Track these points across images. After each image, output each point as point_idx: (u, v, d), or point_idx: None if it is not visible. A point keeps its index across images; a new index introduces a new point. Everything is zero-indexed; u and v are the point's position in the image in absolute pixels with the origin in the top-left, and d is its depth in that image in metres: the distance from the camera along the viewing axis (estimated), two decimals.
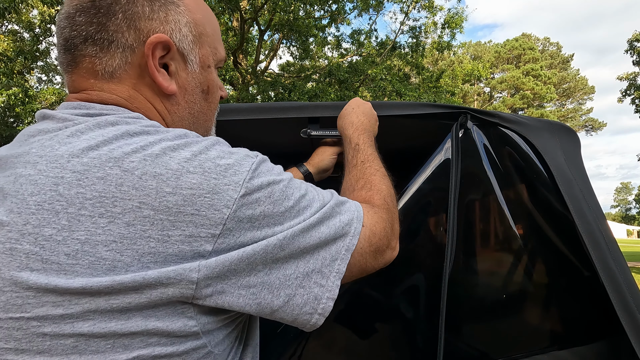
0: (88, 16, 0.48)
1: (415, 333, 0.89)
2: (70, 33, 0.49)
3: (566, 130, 0.96)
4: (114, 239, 0.39)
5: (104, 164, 0.41)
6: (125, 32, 0.49)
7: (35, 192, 0.40)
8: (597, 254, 0.82)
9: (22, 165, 0.43)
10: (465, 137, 0.90)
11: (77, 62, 0.50)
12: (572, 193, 0.86)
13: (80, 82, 0.51)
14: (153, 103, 0.53)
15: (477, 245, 0.91)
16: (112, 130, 0.44)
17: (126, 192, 0.39)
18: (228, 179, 0.43)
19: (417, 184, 0.91)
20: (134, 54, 0.50)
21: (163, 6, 0.51)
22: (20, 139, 0.48)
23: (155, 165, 0.41)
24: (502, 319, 0.89)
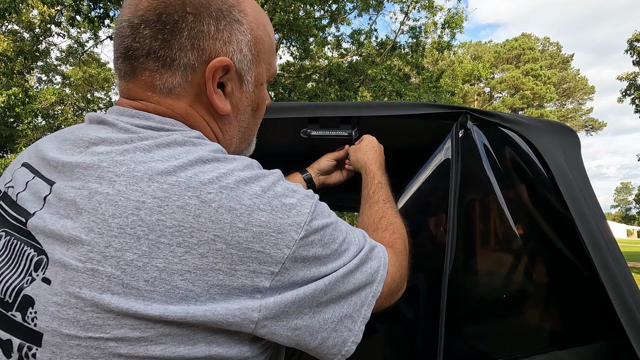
0: (153, 31, 0.48)
1: (415, 333, 0.89)
2: (132, 44, 0.49)
3: (566, 130, 0.96)
4: (189, 269, 0.40)
5: (183, 192, 0.41)
6: (189, 51, 0.49)
7: (117, 214, 0.40)
8: (597, 254, 0.82)
9: (96, 181, 0.42)
10: (465, 137, 0.90)
11: (136, 73, 0.50)
12: (572, 193, 0.86)
13: (137, 91, 0.51)
14: (207, 122, 0.54)
15: (477, 245, 0.91)
16: (182, 153, 0.45)
17: (203, 224, 0.41)
18: (292, 219, 0.45)
19: (417, 184, 0.91)
20: (194, 73, 0.50)
21: (228, 25, 0.51)
22: (78, 143, 0.48)
23: (231, 199, 0.42)
24: (502, 319, 0.89)
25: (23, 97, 9.88)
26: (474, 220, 0.90)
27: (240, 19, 0.52)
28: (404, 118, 0.95)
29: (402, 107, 0.93)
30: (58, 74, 16.90)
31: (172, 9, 0.48)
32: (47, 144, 0.52)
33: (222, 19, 0.50)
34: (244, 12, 0.53)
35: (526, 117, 0.94)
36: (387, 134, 1.19)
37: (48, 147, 0.50)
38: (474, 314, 0.89)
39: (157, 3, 0.48)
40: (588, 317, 0.90)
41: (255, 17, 0.55)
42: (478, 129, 0.92)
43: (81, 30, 11.56)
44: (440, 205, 0.89)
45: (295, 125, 1.01)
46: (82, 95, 14.34)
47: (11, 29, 12.52)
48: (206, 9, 0.49)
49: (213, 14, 0.50)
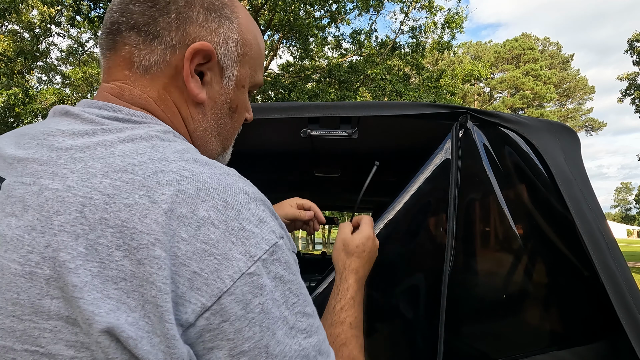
0: (142, 7, 0.48)
1: (415, 333, 0.89)
2: (118, 18, 0.48)
3: (566, 130, 0.96)
4: (125, 277, 0.35)
5: (135, 190, 0.37)
6: (173, 31, 0.48)
7: (61, 211, 0.36)
8: (597, 254, 0.82)
9: (49, 177, 0.39)
10: (465, 137, 0.90)
11: (117, 48, 0.49)
12: (572, 193, 0.86)
13: (115, 70, 0.50)
14: (179, 107, 0.52)
15: (477, 245, 0.91)
16: (147, 148, 0.42)
17: (147, 225, 0.36)
18: (245, 248, 0.38)
19: (417, 184, 0.91)
20: (174, 54, 0.49)
21: (217, 18, 0.51)
22: (37, 137, 0.44)
23: (184, 205, 0.37)
24: (502, 319, 0.89)
25: (23, 97, 9.88)
26: (474, 220, 0.90)
27: (230, 17, 0.53)
28: (404, 118, 0.95)
29: (402, 107, 0.93)
30: (58, 74, 16.90)
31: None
32: (4, 140, 0.48)
33: (212, 11, 0.51)
34: (235, 14, 0.54)
35: (526, 117, 0.94)
36: (387, 134, 1.19)
37: (5, 143, 0.47)
38: (474, 314, 0.89)
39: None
40: (588, 317, 0.90)
41: (247, 23, 0.56)
42: (478, 129, 0.92)
43: (81, 30, 11.56)
44: (440, 205, 0.89)
45: (295, 125, 1.01)
46: (82, 95, 14.34)
47: (11, 29, 12.52)
48: (212, 1, 0.51)
49: (205, 5, 0.50)
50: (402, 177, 1.25)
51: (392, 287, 0.90)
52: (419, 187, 0.91)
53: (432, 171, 0.91)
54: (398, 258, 0.91)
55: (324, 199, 2.96)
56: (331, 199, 2.95)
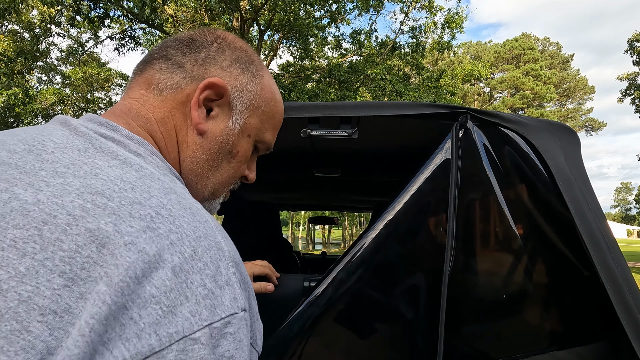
0: (180, 45, 0.53)
1: (415, 333, 0.89)
2: (156, 51, 0.54)
3: (566, 130, 0.96)
4: (56, 309, 0.30)
5: (102, 216, 0.34)
6: (196, 66, 0.52)
7: (21, 225, 0.33)
8: (597, 254, 0.82)
9: (24, 186, 0.36)
10: (465, 137, 0.90)
11: (144, 71, 0.53)
12: (572, 193, 0.86)
13: (134, 89, 0.53)
14: (178, 131, 0.52)
15: (477, 245, 0.90)
16: (134, 177, 0.39)
17: (102, 256, 0.32)
18: (195, 309, 0.34)
19: (417, 184, 0.91)
20: (189, 84, 0.52)
21: (241, 69, 0.55)
22: (28, 141, 0.41)
23: (148, 242, 0.34)
24: (502, 319, 0.89)
25: (23, 97, 9.88)
26: (474, 220, 0.90)
27: (254, 74, 0.56)
28: (404, 118, 0.95)
29: (402, 107, 0.93)
30: (58, 74, 16.90)
31: (203, 39, 0.54)
32: None
33: (239, 62, 0.55)
34: (260, 73, 0.57)
35: (526, 117, 0.94)
36: (387, 134, 1.19)
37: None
38: (474, 314, 0.89)
39: (194, 33, 0.55)
40: (588, 317, 0.90)
41: (269, 84, 0.59)
42: (478, 129, 0.92)
43: (81, 30, 11.57)
44: (440, 205, 0.89)
45: (295, 125, 1.01)
46: (82, 95, 14.35)
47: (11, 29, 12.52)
48: (231, 51, 0.55)
49: (234, 56, 0.55)
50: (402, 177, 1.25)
51: (391, 287, 0.90)
52: (419, 187, 0.91)
53: (432, 171, 0.91)
54: (398, 258, 0.91)
55: (324, 199, 2.95)
56: (331, 199, 2.95)
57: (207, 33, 0.56)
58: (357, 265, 0.89)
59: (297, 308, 0.89)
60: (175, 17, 9.67)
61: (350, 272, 0.88)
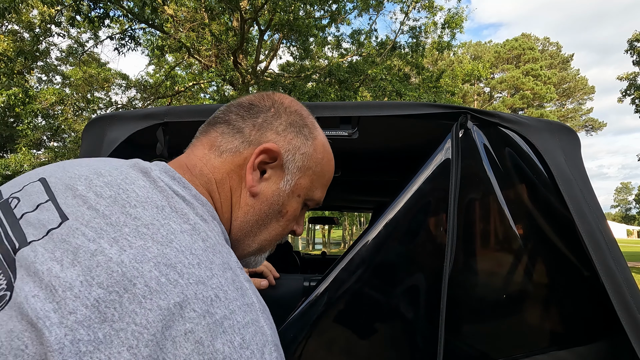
0: (240, 111, 0.59)
1: (415, 333, 0.89)
2: (219, 115, 0.60)
3: (566, 130, 0.96)
4: None
5: (173, 295, 0.37)
6: (254, 131, 0.57)
7: (105, 284, 0.36)
8: (597, 254, 0.82)
9: (109, 241, 0.39)
10: (465, 137, 0.90)
11: (208, 133, 0.59)
12: (572, 193, 0.86)
13: (198, 147, 0.59)
14: (233, 193, 0.57)
15: (477, 245, 0.90)
16: (200, 251, 0.42)
17: (164, 339, 0.35)
18: None
19: (417, 184, 0.91)
20: (247, 147, 0.56)
21: (295, 132, 0.59)
22: (112, 187, 0.45)
23: (206, 332, 0.37)
24: (502, 319, 0.89)
25: (23, 97, 9.88)
26: (474, 220, 0.90)
27: (307, 136, 0.60)
28: (404, 118, 0.95)
29: (402, 107, 0.93)
30: (58, 74, 16.90)
31: (262, 104, 0.59)
32: (76, 169, 0.49)
33: (293, 126, 0.59)
34: (313, 135, 0.61)
35: (526, 117, 0.94)
36: (387, 134, 1.19)
37: (77, 174, 0.47)
38: (474, 314, 0.89)
39: (254, 98, 0.60)
40: (588, 317, 0.90)
41: (322, 145, 0.63)
42: (478, 129, 0.92)
43: (81, 30, 11.57)
44: (440, 205, 0.89)
45: None
46: (82, 95, 14.34)
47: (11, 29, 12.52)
48: (287, 115, 0.59)
49: (289, 120, 0.59)
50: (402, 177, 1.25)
51: (392, 287, 0.90)
52: (419, 187, 0.91)
53: (432, 171, 0.91)
54: (398, 258, 0.91)
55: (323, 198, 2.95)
56: (331, 199, 2.95)
57: (266, 98, 0.61)
58: (357, 265, 0.89)
59: (297, 308, 0.89)
60: (175, 17, 9.67)
61: (350, 272, 0.88)
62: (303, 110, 0.63)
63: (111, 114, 1.05)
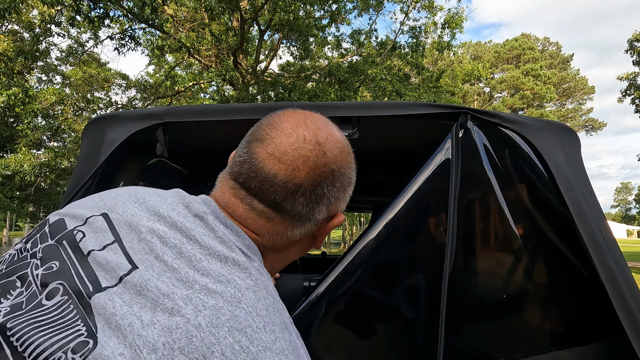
0: (307, 200, 0.52)
1: (415, 333, 0.89)
2: (283, 204, 0.52)
3: (566, 130, 0.96)
4: None
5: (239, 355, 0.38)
6: (322, 212, 0.55)
7: (186, 351, 0.37)
8: (597, 254, 0.82)
9: (183, 299, 0.40)
10: (465, 137, 0.90)
11: (272, 220, 0.53)
12: (572, 193, 0.86)
13: (257, 227, 0.53)
14: (290, 256, 0.60)
15: (477, 245, 0.90)
16: (263, 311, 0.43)
17: None
18: None
19: (417, 184, 0.91)
20: (315, 226, 0.56)
21: (349, 188, 0.58)
22: (175, 232, 0.46)
23: None
24: (502, 319, 0.89)
25: (23, 97, 9.88)
26: (474, 220, 0.90)
27: (353, 181, 0.59)
28: (404, 118, 0.95)
29: (402, 107, 0.93)
30: (58, 74, 16.91)
31: (324, 182, 0.52)
32: (136, 208, 0.49)
33: (349, 185, 0.57)
34: (354, 170, 0.59)
35: (526, 117, 0.94)
36: (387, 134, 1.19)
37: (138, 214, 0.48)
38: (474, 314, 0.89)
39: (315, 175, 0.51)
40: (588, 317, 0.90)
41: (354, 169, 0.60)
42: (478, 129, 0.92)
43: (81, 30, 11.57)
44: (440, 205, 0.89)
45: None
46: (82, 95, 14.34)
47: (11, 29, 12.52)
48: (346, 178, 0.56)
49: (345, 182, 0.56)
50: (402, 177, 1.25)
51: (392, 287, 0.90)
52: (419, 187, 0.91)
53: (432, 171, 0.91)
54: (398, 258, 0.91)
55: None
56: None
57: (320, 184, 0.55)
58: (357, 265, 0.89)
59: (297, 308, 0.89)
60: (175, 17, 9.67)
61: (350, 272, 0.88)
62: (346, 161, 0.56)
63: (111, 114, 1.05)
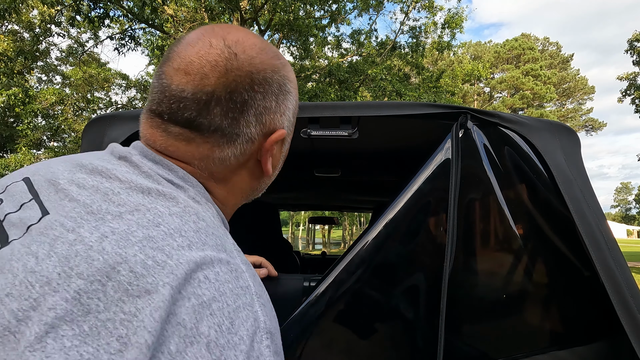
0: (224, 109, 0.47)
1: (415, 333, 0.89)
2: (198, 119, 0.47)
3: (566, 130, 0.96)
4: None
5: (162, 276, 0.34)
6: (253, 126, 0.50)
7: (85, 275, 0.33)
8: (597, 254, 0.82)
9: (90, 229, 0.37)
10: (465, 137, 0.90)
11: (192, 142, 0.48)
12: (572, 193, 0.86)
13: (182, 154, 0.49)
14: (241, 185, 0.54)
15: (477, 245, 0.91)
16: (191, 232, 0.40)
17: (151, 323, 0.32)
18: None
19: (417, 184, 0.91)
20: (252, 144, 0.51)
21: (284, 98, 0.53)
22: (94, 176, 0.43)
23: (189, 312, 0.34)
24: (502, 319, 0.89)
25: (23, 97, 9.89)
26: (474, 220, 0.90)
27: (290, 90, 0.54)
28: (404, 118, 0.95)
29: (402, 107, 0.93)
30: (58, 74, 16.90)
31: (242, 87, 0.48)
32: (59, 165, 0.47)
33: (280, 93, 0.52)
34: (290, 81, 0.55)
35: (526, 117, 0.94)
36: (387, 134, 1.19)
37: (60, 170, 0.45)
38: (474, 314, 0.89)
39: (228, 81, 0.47)
40: (588, 317, 0.90)
41: (295, 83, 0.57)
42: (478, 129, 0.92)
43: (81, 30, 11.57)
44: (440, 205, 0.89)
45: (295, 125, 1.00)
46: (82, 95, 14.34)
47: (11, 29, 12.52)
48: (270, 85, 0.50)
49: (275, 90, 0.51)
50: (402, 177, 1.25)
51: (392, 287, 0.90)
52: (419, 187, 0.91)
53: (432, 171, 0.91)
54: (398, 258, 0.91)
55: (324, 199, 2.95)
56: (331, 199, 2.95)
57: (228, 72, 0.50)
58: (357, 265, 0.89)
59: (297, 308, 0.89)
60: (175, 17, 9.67)
61: (350, 272, 0.88)
62: (267, 54, 0.51)
63: (111, 114, 1.05)
